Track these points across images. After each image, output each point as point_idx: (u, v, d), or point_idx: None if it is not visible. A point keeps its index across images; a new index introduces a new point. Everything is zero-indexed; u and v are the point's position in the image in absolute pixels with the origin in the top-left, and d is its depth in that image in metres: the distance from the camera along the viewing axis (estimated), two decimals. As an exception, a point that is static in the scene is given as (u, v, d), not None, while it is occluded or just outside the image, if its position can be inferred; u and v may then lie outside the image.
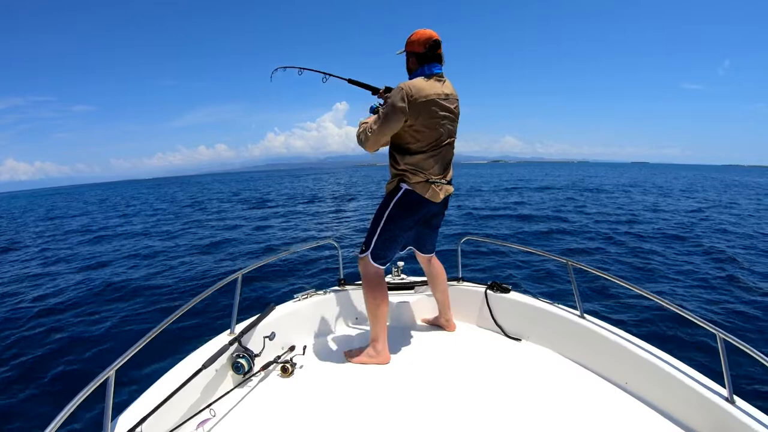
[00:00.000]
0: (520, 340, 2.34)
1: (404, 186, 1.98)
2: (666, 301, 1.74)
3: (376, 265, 2.07)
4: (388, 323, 2.62)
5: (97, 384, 1.27)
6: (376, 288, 2.10)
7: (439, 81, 1.95)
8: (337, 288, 2.63)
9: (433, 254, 2.38)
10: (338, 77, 2.30)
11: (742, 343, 1.42)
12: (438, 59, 1.97)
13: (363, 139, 2.02)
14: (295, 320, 2.36)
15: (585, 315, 2.14)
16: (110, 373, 1.32)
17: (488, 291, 2.52)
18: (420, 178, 1.96)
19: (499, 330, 2.42)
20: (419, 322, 2.61)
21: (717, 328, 1.50)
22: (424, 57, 1.95)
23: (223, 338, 1.99)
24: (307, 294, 2.50)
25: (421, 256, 2.38)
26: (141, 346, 1.49)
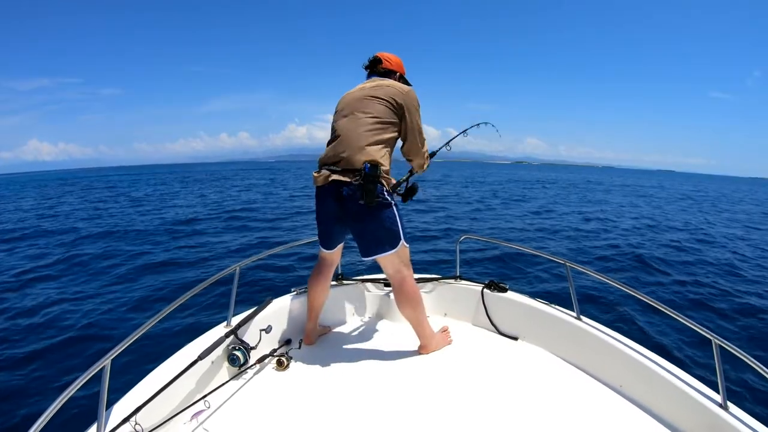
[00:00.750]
0: (516, 339, 2.34)
1: None
2: (663, 305, 1.74)
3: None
4: (384, 318, 2.63)
5: (93, 373, 1.28)
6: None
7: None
8: (334, 283, 2.63)
9: (374, 258, 2.00)
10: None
11: (738, 349, 1.43)
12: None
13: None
14: (292, 314, 2.36)
15: (581, 317, 2.15)
16: (106, 362, 1.32)
17: (485, 290, 2.52)
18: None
19: (494, 329, 2.42)
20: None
21: (713, 334, 1.50)
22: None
23: (220, 330, 1.99)
24: (305, 288, 2.50)
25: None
26: (138, 335, 1.49)
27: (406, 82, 2.20)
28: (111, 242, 9.38)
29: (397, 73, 2.19)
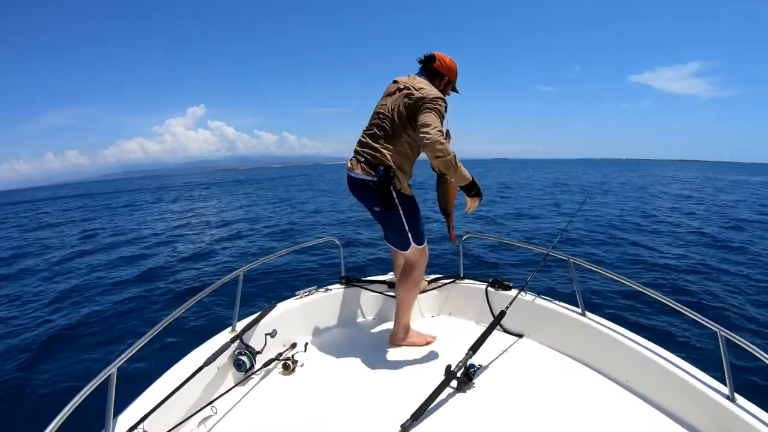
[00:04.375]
0: (521, 337, 2.34)
1: None
2: (667, 299, 1.74)
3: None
4: (390, 321, 2.63)
5: (100, 381, 1.28)
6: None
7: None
8: (338, 285, 2.63)
9: (403, 252, 2.17)
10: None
11: (743, 340, 1.42)
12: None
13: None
14: (297, 318, 2.36)
15: (586, 312, 2.14)
16: (112, 370, 1.32)
17: (489, 288, 2.51)
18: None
19: (500, 327, 2.42)
20: (417, 319, 2.61)
21: (718, 326, 1.50)
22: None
23: (225, 335, 1.99)
24: (309, 291, 2.50)
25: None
26: (143, 343, 1.49)
27: (454, 89, 2.18)
28: (111, 246, 9.37)
29: (445, 77, 2.11)
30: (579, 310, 2.16)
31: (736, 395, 1.47)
